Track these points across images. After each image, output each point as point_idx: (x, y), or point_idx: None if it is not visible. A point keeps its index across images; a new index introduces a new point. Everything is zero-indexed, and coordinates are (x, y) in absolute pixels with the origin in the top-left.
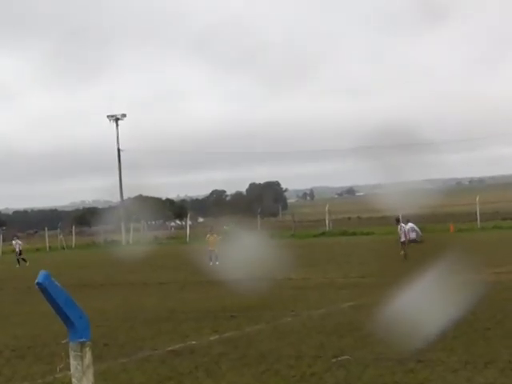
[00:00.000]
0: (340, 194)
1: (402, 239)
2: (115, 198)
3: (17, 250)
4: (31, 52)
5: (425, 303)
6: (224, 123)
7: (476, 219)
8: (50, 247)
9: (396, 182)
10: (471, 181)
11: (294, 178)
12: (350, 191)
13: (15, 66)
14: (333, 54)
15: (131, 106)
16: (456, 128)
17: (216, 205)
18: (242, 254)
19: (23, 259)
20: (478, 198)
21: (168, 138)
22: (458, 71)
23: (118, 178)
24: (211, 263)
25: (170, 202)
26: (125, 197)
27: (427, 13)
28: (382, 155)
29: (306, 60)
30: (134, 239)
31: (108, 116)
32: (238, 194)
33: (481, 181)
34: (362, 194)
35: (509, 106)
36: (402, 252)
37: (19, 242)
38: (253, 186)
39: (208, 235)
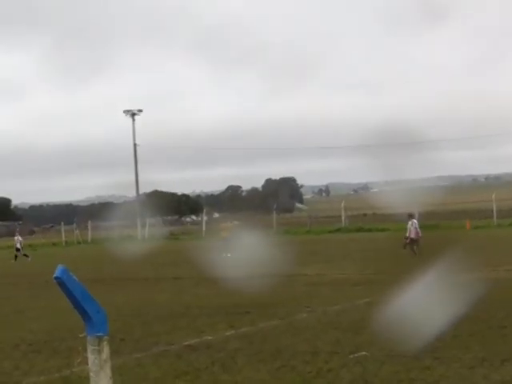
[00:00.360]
0: (356, 191)
1: (413, 235)
2: (131, 193)
3: (18, 246)
4: (45, 48)
5: (439, 300)
6: (240, 119)
7: (492, 216)
8: (66, 242)
9: (408, 179)
10: (487, 178)
11: (310, 174)
12: (365, 187)
13: (30, 62)
14: (343, 49)
15: (147, 102)
16: (471, 125)
17: (231, 200)
18: (254, 250)
19: (16, 255)
20: (494, 195)
21: (184, 134)
22: (467, 68)
23: (133, 173)
24: (224, 255)
25: (185, 197)
26: (140, 192)
27: (429, 11)
28: (392, 153)
29: (318, 55)
30: (149, 234)
31: (124, 111)
32: (254, 190)
33: (497, 178)
34: (376, 190)
35: None
36: (406, 248)
37: (20, 238)
38: (269, 182)
39: (222, 224)
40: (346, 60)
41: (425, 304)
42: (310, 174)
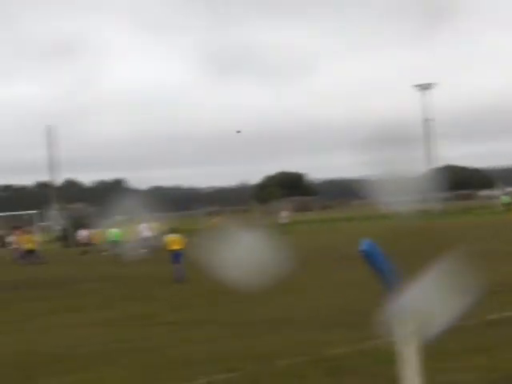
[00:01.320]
0: None
1: None
2: (421, 169)
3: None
4: (326, 25)
5: None
6: None
7: None
8: (365, 216)
9: None
10: None
11: None
12: None
13: (318, 37)
14: None
15: (439, 73)
16: None
17: None
18: None
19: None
20: None
21: (476, 107)
22: None
23: (424, 148)
24: None
25: (476, 171)
26: (430, 167)
27: None
28: None
29: None
30: (441, 209)
31: (415, 85)
32: None
33: None
34: None
35: None
36: None
37: (286, 213)
38: None
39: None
40: None
41: None
42: None
